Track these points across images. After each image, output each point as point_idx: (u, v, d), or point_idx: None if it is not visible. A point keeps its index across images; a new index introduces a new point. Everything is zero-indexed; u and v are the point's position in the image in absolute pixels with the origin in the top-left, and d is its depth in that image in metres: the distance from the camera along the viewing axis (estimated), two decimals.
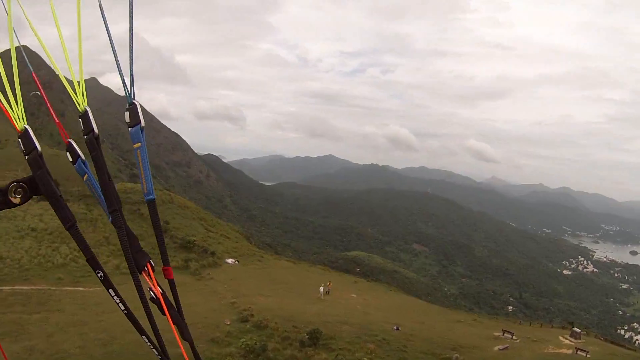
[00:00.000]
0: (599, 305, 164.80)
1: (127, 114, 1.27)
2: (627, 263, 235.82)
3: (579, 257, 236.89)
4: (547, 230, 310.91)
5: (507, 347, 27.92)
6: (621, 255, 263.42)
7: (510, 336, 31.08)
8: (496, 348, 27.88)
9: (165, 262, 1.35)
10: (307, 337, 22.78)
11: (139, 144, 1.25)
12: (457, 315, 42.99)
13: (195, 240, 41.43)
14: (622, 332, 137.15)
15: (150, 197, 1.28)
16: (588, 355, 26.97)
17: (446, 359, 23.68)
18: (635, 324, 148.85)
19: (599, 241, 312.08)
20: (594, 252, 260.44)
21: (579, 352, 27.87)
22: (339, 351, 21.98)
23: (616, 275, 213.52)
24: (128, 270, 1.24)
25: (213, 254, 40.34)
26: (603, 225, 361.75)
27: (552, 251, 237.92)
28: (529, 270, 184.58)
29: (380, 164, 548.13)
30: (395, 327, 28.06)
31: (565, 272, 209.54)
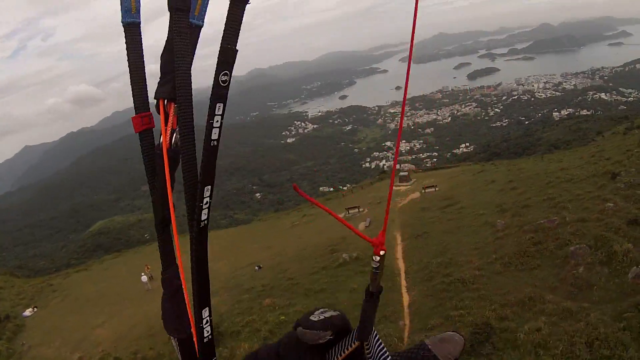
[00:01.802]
0: (336, 154, 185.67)
1: None
2: (341, 107, 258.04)
3: (295, 122, 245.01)
4: (254, 114, 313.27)
5: (369, 222, 28.62)
6: (333, 104, 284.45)
7: (357, 209, 32.35)
8: (362, 225, 28.36)
9: None
10: None
11: None
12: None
13: None
14: (368, 164, 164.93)
15: None
16: (437, 189, 30.50)
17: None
18: (375, 153, 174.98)
19: (307, 101, 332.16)
20: (306, 111, 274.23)
21: (427, 191, 31.12)
22: None
23: (336, 122, 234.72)
24: None
25: None
26: (304, 87, 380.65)
27: (268, 129, 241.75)
28: (255, 155, 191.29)
29: (75, 130, 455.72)
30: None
31: (290, 140, 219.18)
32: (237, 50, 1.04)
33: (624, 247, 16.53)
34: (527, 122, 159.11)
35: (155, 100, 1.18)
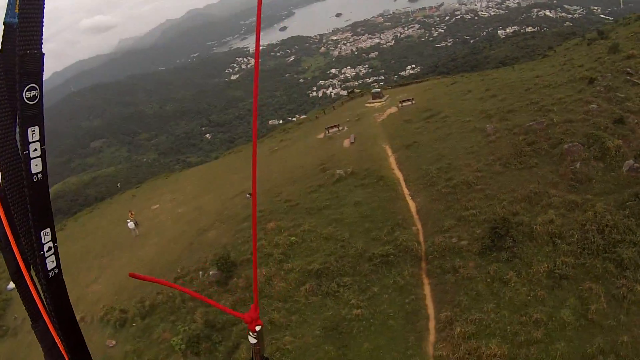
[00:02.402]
0: (281, 86, 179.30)
1: None
2: (283, 39, 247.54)
3: (237, 58, 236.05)
4: (194, 55, 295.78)
5: (354, 138, 27.94)
6: (273, 36, 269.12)
7: (337, 128, 31.57)
8: (347, 142, 27.85)
9: None
10: None
11: None
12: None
13: None
14: (315, 93, 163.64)
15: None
16: (414, 102, 30.21)
17: None
18: (321, 81, 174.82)
19: (247, 36, 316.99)
20: (247, 47, 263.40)
21: (404, 105, 30.76)
22: None
23: (279, 54, 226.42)
24: None
25: None
26: (242, 22, 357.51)
27: (211, 68, 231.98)
28: (201, 96, 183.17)
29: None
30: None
31: (233, 77, 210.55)
32: (42, 54, 0.85)
33: (615, 144, 17.53)
34: (472, 41, 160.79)
35: None
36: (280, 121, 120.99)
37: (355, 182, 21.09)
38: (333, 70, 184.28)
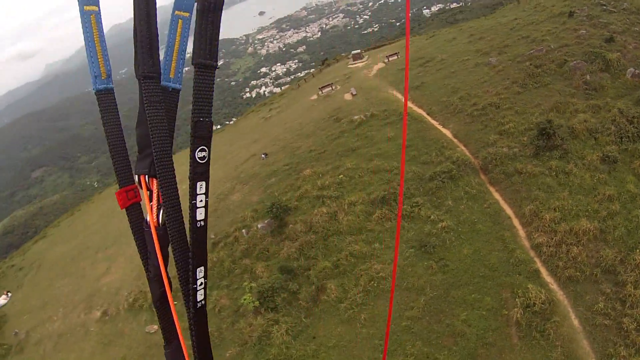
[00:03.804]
0: (215, 91, 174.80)
1: None
2: None
3: None
4: (123, 71, 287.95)
5: (355, 90, 28.13)
6: None
7: (330, 87, 31.42)
8: (348, 96, 28.00)
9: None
10: None
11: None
12: None
13: None
14: (248, 94, 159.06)
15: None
16: (399, 56, 31.12)
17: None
18: (252, 81, 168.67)
19: None
20: None
21: (391, 59, 31.60)
22: None
23: None
24: None
25: None
26: (166, 32, 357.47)
27: None
28: (136, 111, 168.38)
29: None
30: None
31: None
32: (212, 123, 1.00)
33: (615, 56, 19.51)
34: (398, 24, 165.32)
35: (136, 176, 1.12)
36: (219, 126, 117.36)
37: (380, 123, 21.39)
38: (263, 69, 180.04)
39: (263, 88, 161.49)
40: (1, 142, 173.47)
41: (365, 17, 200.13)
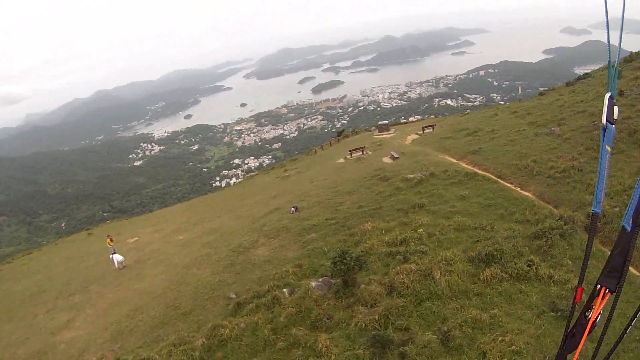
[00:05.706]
0: (185, 174, 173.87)
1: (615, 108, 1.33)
2: (187, 127, 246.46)
3: (142, 144, 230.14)
4: (99, 137, 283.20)
5: (396, 154, 27.07)
6: (178, 124, 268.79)
7: (361, 152, 30.63)
8: (387, 159, 27.09)
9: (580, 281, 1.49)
10: None
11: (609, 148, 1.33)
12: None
13: None
14: (218, 183, 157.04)
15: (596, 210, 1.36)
16: (435, 130, 31.07)
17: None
18: (224, 171, 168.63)
19: (152, 122, 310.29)
20: (152, 133, 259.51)
21: (426, 131, 31.52)
22: None
23: (183, 142, 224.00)
24: None
25: None
26: (149, 107, 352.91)
27: (115, 153, 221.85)
28: (104, 180, 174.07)
29: None
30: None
31: (137, 163, 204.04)
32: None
33: None
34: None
35: (599, 286, 1.42)
36: None
37: (443, 182, 19.81)
38: (236, 161, 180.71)
39: (234, 179, 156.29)
40: None
41: (343, 121, 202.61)
